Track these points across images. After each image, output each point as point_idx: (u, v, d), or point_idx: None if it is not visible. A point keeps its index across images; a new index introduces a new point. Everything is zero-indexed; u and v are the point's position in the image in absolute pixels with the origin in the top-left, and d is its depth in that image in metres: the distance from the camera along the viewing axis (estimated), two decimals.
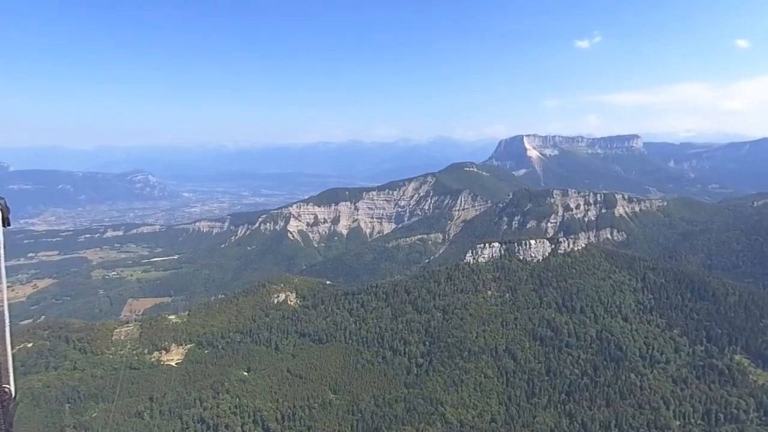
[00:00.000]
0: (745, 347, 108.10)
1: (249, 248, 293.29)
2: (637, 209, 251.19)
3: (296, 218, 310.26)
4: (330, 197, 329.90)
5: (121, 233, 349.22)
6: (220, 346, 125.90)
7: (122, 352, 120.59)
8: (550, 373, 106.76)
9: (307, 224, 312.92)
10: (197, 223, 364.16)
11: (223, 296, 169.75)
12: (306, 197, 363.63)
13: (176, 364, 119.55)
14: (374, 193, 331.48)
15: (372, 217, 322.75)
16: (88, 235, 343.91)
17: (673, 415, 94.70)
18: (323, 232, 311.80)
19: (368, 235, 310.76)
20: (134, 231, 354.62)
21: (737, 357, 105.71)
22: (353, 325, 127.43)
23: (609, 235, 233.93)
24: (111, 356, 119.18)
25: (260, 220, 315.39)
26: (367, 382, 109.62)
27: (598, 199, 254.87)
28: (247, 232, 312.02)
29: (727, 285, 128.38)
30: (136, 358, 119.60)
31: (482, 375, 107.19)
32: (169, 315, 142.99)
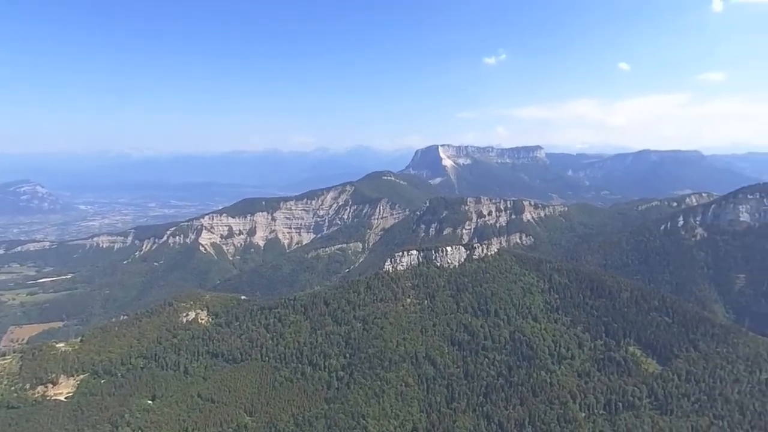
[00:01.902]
0: (636, 339, 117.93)
1: (156, 264, 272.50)
2: (542, 215, 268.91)
3: (209, 230, 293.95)
4: (245, 208, 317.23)
5: (1, 252, 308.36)
6: (119, 374, 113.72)
7: None
8: (468, 376, 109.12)
9: (221, 236, 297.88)
10: (95, 238, 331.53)
11: (125, 318, 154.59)
12: (220, 208, 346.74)
13: (66, 398, 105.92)
14: (292, 203, 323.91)
15: (290, 228, 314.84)
16: None
17: (579, 408, 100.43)
18: (238, 245, 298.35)
19: (286, 246, 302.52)
20: (18, 248, 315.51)
21: (631, 348, 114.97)
22: (270, 342, 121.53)
23: (518, 240, 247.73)
24: None
25: (168, 233, 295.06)
26: (286, 401, 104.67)
27: (508, 205, 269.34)
28: (154, 247, 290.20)
29: (620, 282, 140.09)
30: (15, 395, 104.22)
31: (403, 384, 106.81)
32: (57, 343, 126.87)
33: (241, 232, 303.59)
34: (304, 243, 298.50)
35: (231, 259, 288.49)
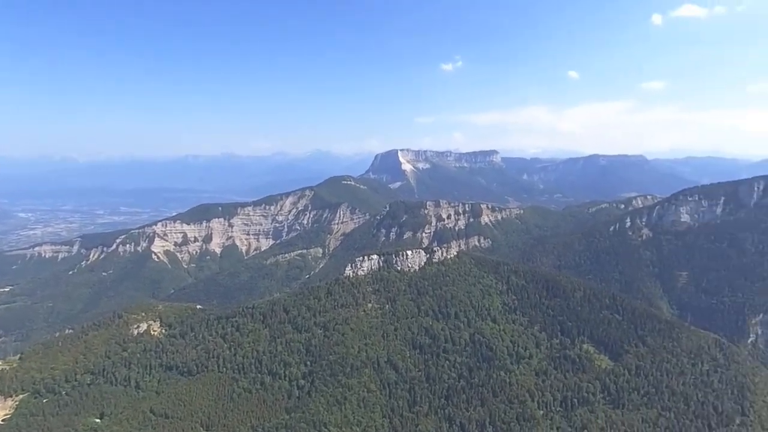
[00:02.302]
0: (590, 336, 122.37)
1: (104, 274, 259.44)
2: (499, 217, 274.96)
3: (162, 238, 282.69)
4: (201, 214, 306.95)
5: None
6: (64, 392, 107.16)
7: None
8: (430, 379, 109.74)
9: (175, 244, 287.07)
10: (37, 248, 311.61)
11: (70, 332, 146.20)
12: (173, 214, 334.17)
13: (3, 420, 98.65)
14: (250, 208, 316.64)
15: (248, 234, 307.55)
16: None
17: (537, 406, 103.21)
18: (194, 252, 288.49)
19: (244, 253, 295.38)
20: None
21: (585, 346, 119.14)
22: (227, 352, 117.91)
23: (477, 243, 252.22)
24: None
25: (118, 241, 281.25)
26: (245, 413, 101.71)
27: (467, 209, 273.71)
28: (102, 256, 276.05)
29: (573, 282, 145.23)
30: None
31: (365, 390, 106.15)
32: None
33: (196, 239, 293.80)
34: (262, 249, 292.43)
35: (186, 267, 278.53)
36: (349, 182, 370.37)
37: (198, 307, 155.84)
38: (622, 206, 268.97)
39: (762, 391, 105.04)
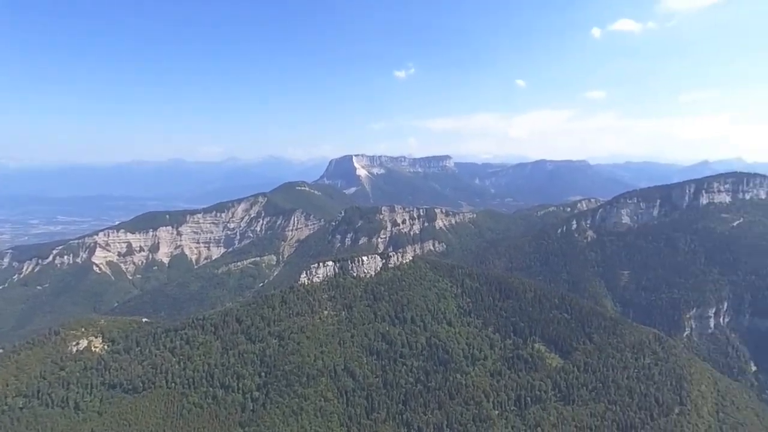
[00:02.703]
0: (541, 336, 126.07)
1: (39, 288, 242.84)
2: (453, 221, 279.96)
3: (104, 248, 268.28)
4: (147, 222, 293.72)
5: None
6: None
7: None
8: (387, 385, 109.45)
9: (119, 254, 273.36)
10: None
11: (0, 351, 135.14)
12: (117, 223, 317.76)
13: None
14: (200, 215, 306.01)
15: (198, 242, 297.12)
16: None
17: (492, 406, 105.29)
18: (139, 262, 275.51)
19: (194, 262, 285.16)
20: None
21: (537, 345, 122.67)
22: (176, 366, 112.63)
23: (432, 247, 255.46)
24: None
25: (55, 252, 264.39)
26: (196, 429, 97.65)
27: (421, 213, 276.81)
28: (37, 268, 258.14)
29: (525, 283, 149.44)
30: None
31: (322, 399, 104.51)
32: None
33: (142, 249, 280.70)
34: (213, 258, 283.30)
35: (131, 278, 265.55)
36: (303, 188, 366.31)
37: (144, 320, 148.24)
38: (568, 209, 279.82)
39: (697, 381, 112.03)
